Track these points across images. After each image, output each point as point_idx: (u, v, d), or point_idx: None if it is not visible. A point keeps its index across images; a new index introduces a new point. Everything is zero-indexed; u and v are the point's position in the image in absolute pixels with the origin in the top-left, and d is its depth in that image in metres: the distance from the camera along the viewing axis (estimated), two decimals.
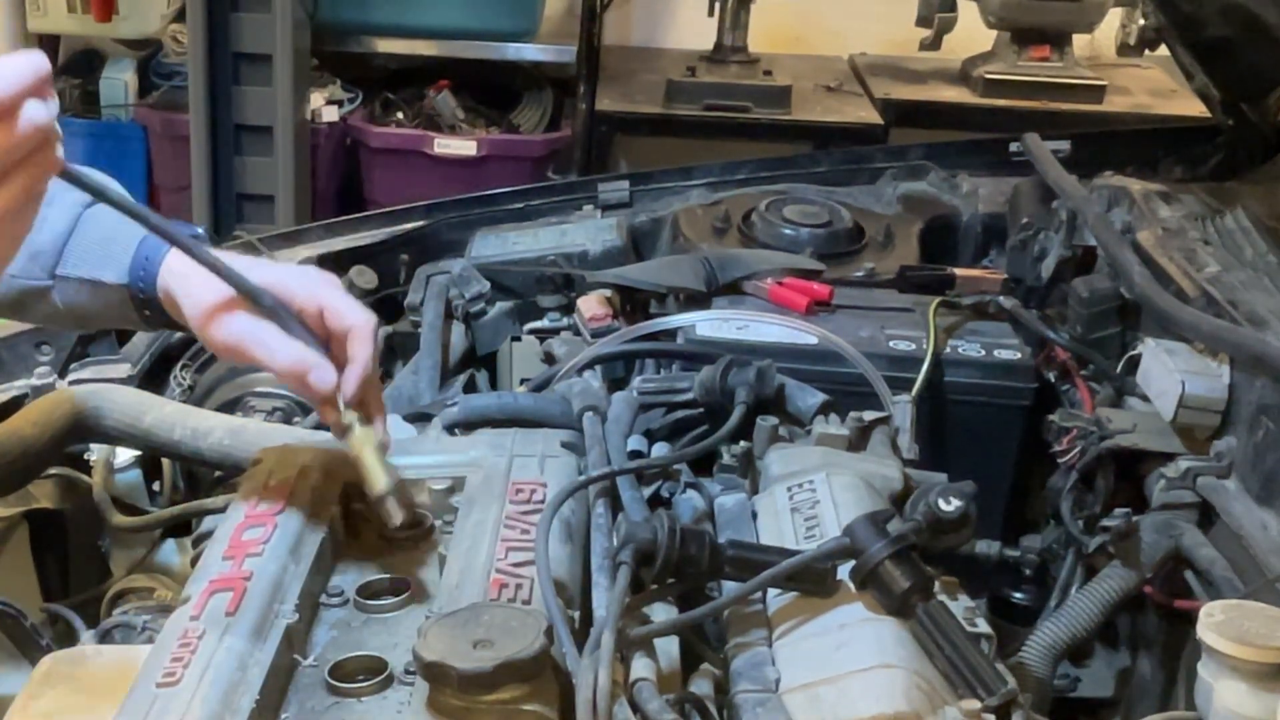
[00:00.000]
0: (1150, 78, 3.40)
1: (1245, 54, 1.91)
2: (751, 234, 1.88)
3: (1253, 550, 1.20)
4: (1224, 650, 0.94)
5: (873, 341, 1.49)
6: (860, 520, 1.02)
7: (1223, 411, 1.31)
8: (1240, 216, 1.59)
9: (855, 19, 3.68)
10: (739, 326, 1.52)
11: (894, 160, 2.13)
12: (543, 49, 3.44)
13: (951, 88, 3.32)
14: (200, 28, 3.05)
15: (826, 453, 1.24)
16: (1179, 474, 1.30)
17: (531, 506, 1.13)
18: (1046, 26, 3.24)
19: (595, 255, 1.82)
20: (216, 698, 0.88)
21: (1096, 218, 1.63)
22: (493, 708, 0.86)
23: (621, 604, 0.95)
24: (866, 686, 0.91)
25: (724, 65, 3.32)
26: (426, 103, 3.42)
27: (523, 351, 1.72)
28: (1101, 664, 1.46)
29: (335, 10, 3.31)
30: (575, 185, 2.10)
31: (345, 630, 1.04)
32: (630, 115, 3.20)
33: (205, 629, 0.95)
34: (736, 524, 1.17)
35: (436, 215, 1.97)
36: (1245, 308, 1.37)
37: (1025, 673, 1.20)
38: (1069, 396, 1.49)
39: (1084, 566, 1.35)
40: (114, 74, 3.57)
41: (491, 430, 1.31)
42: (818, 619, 1.00)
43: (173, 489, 1.48)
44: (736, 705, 0.94)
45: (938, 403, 1.48)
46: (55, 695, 0.96)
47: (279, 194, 3.17)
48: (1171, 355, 1.36)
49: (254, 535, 1.07)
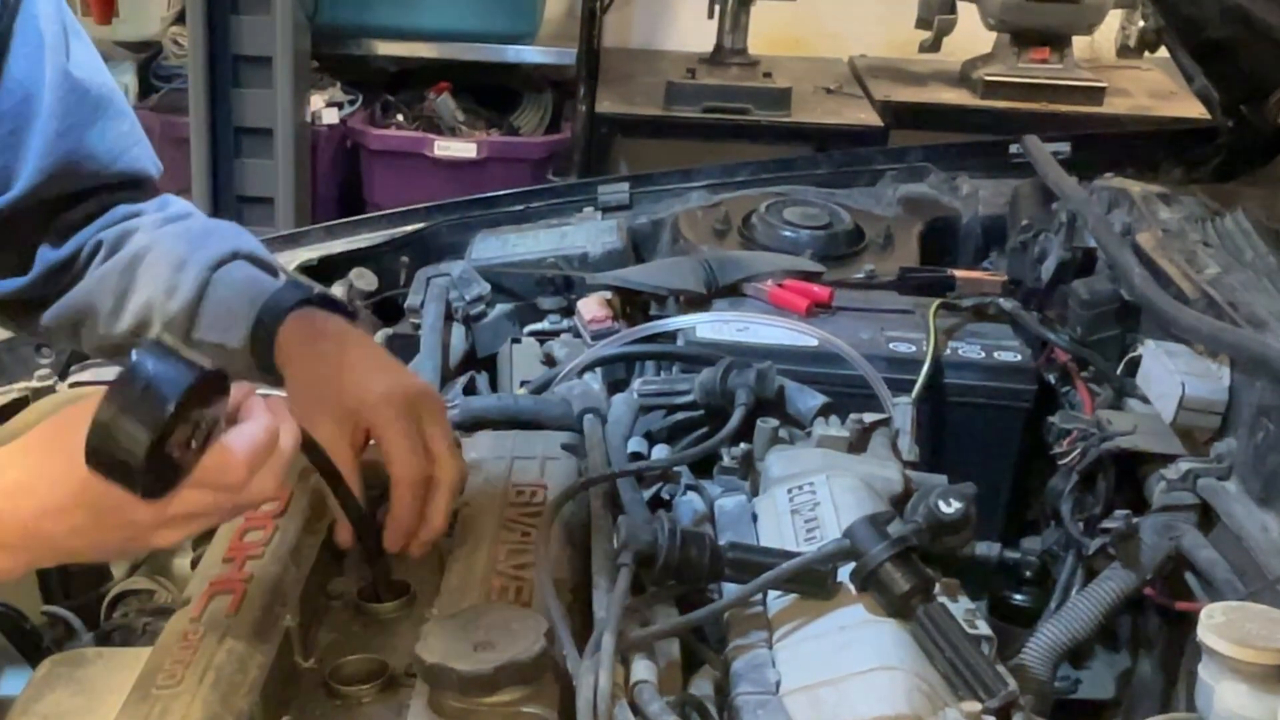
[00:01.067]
0: (1150, 79, 3.40)
1: (1245, 55, 1.91)
2: (751, 236, 1.87)
3: (1253, 552, 1.20)
4: (1224, 652, 0.94)
5: (873, 343, 1.49)
6: (860, 522, 1.02)
7: (1223, 413, 1.31)
8: (1240, 218, 1.59)
9: (855, 21, 3.68)
10: (739, 328, 1.52)
11: (894, 162, 2.13)
12: (543, 51, 3.45)
13: (951, 90, 3.32)
14: (200, 30, 3.05)
15: (827, 454, 1.24)
16: (1179, 476, 1.30)
17: (532, 508, 1.13)
18: (1046, 28, 3.24)
19: (595, 257, 1.82)
20: (217, 700, 0.88)
21: (1096, 219, 1.63)
22: (493, 710, 0.86)
23: (622, 606, 0.95)
24: (867, 688, 0.91)
25: (724, 67, 3.32)
26: (426, 105, 3.42)
27: (523, 353, 1.72)
28: (1102, 666, 1.46)
29: (335, 12, 3.31)
30: (575, 187, 2.10)
31: (346, 632, 1.04)
32: (630, 117, 3.20)
33: (205, 631, 0.95)
34: (737, 526, 1.17)
35: (436, 217, 1.97)
36: (1245, 309, 1.37)
37: (1026, 674, 1.20)
38: (1069, 398, 1.49)
39: (1084, 568, 1.35)
40: (114, 76, 3.57)
41: (492, 432, 1.31)
42: (818, 621, 1.00)
43: None
44: (737, 707, 0.94)
45: (938, 405, 1.48)
46: (55, 697, 0.96)
47: (279, 196, 3.17)
48: (1172, 357, 1.36)
49: (254, 537, 1.07)
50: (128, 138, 1.25)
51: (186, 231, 1.24)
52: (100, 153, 1.22)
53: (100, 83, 1.24)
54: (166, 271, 1.19)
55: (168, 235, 1.22)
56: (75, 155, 1.19)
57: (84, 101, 1.20)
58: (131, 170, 1.26)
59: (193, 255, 1.19)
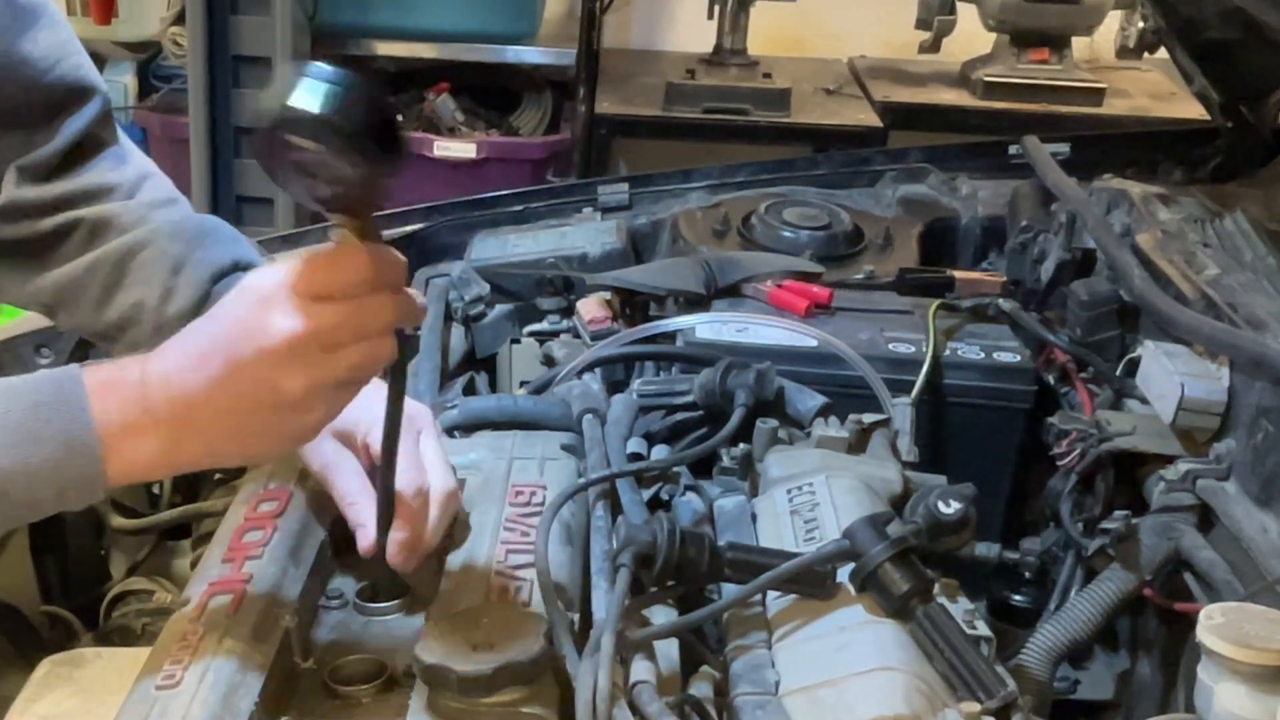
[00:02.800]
0: (1149, 80, 3.40)
1: (1244, 56, 1.91)
2: (751, 236, 1.88)
3: (1252, 553, 1.20)
4: (1224, 653, 0.94)
5: (872, 344, 1.49)
6: (860, 523, 1.02)
7: (1222, 414, 1.31)
8: (1240, 219, 1.59)
9: (854, 22, 3.68)
10: (738, 329, 1.52)
11: (893, 163, 2.13)
12: (542, 52, 3.44)
13: (951, 90, 3.32)
14: (200, 30, 3.05)
15: (826, 455, 1.24)
16: (1178, 476, 1.30)
17: (531, 509, 1.13)
18: (1046, 29, 3.23)
19: (595, 258, 1.82)
20: (216, 700, 0.88)
21: (1096, 220, 1.63)
22: (492, 710, 0.86)
23: (621, 606, 0.95)
24: (866, 689, 0.91)
25: (723, 68, 3.32)
26: (426, 105, 3.42)
27: (522, 354, 1.72)
28: (1101, 666, 1.46)
29: (335, 13, 3.30)
30: (575, 188, 2.10)
31: (345, 632, 1.04)
32: (630, 118, 3.20)
33: (205, 631, 0.95)
34: (736, 526, 1.17)
35: (436, 218, 1.97)
36: (1245, 310, 1.37)
37: (1025, 675, 1.20)
38: (1068, 399, 1.49)
39: (1084, 569, 1.35)
40: (113, 76, 3.57)
41: (491, 433, 1.31)
42: (817, 621, 1.00)
43: (172, 491, 1.48)
44: (736, 708, 0.94)
45: (937, 405, 1.48)
46: (54, 697, 0.96)
47: (278, 197, 3.17)
48: (1171, 358, 1.36)
49: (254, 538, 1.07)
50: (65, 46, 1.22)
51: (181, 230, 1.22)
52: (34, 58, 1.19)
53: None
54: (162, 274, 1.18)
55: (162, 232, 1.21)
56: (6, 61, 1.17)
57: (11, 7, 1.18)
58: (73, 78, 1.23)
59: (190, 258, 1.18)
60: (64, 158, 1.22)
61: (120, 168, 1.26)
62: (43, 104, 1.21)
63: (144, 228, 1.21)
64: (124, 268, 1.19)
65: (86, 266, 1.20)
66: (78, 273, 1.21)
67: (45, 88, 1.21)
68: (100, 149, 1.25)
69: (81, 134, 1.23)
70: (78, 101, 1.23)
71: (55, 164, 1.22)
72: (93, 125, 1.24)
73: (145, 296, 1.18)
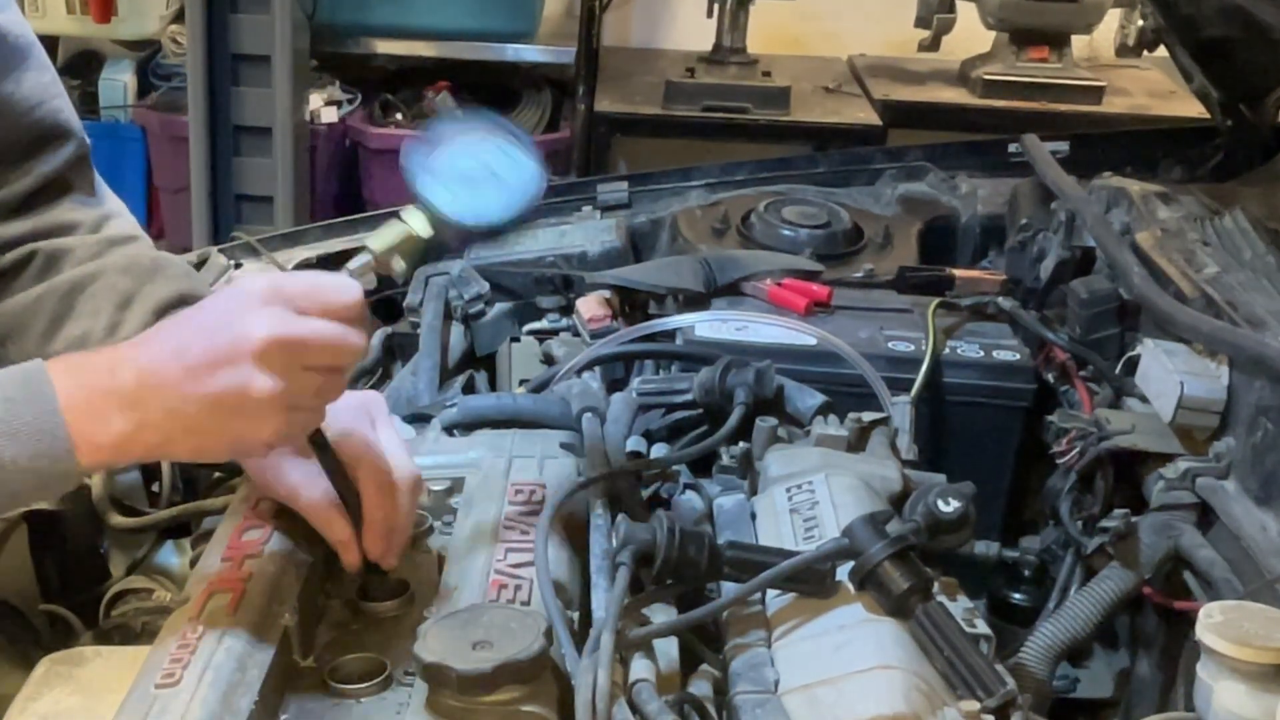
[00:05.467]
0: (1149, 79, 3.40)
1: (1244, 55, 1.91)
2: (750, 235, 1.88)
3: (1252, 551, 1.20)
4: (1223, 651, 0.94)
5: (872, 342, 1.49)
6: (859, 521, 1.02)
7: (1221, 412, 1.31)
8: (1239, 217, 1.59)
9: (854, 20, 3.68)
10: (738, 327, 1.52)
11: (893, 161, 2.13)
12: (542, 50, 3.44)
13: (950, 89, 3.32)
14: (199, 29, 3.05)
15: (825, 454, 1.24)
16: (1178, 475, 1.30)
17: (530, 507, 1.13)
18: (1045, 27, 3.23)
19: (594, 256, 1.82)
20: (216, 699, 0.88)
21: (1095, 219, 1.63)
22: (492, 709, 0.86)
23: (621, 605, 0.95)
24: (865, 688, 0.91)
25: (723, 66, 3.32)
26: (426, 104, 3.42)
27: (522, 352, 1.72)
28: (1101, 665, 1.46)
29: (334, 11, 3.31)
30: (574, 186, 2.10)
31: (344, 631, 1.04)
32: (629, 116, 3.20)
33: (204, 630, 0.95)
34: (735, 525, 1.17)
35: None
36: (1244, 309, 1.37)
37: (1024, 673, 1.20)
38: (1068, 397, 1.49)
39: (1083, 567, 1.35)
40: (113, 75, 3.57)
41: (490, 431, 1.30)
42: (817, 620, 1.00)
43: (172, 490, 1.48)
44: (735, 706, 0.94)
45: (937, 404, 1.48)
46: (54, 696, 0.96)
47: (278, 195, 3.17)
48: (1170, 356, 1.36)
49: (253, 536, 1.07)
50: (47, 89, 1.23)
51: (133, 265, 1.21)
52: (16, 99, 1.20)
53: (19, 34, 1.21)
54: (109, 308, 1.17)
55: (113, 266, 1.20)
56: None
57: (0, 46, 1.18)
58: (51, 121, 1.23)
59: (138, 293, 1.18)
60: (28, 198, 1.23)
61: (84, 208, 1.26)
62: (18, 144, 1.22)
63: (96, 262, 1.21)
64: (72, 300, 1.19)
65: (36, 297, 1.20)
66: (27, 302, 1.20)
67: (23, 129, 1.21)
68: (67, 192, 1.25)
69: (51, 176, 1.24)
70: (53, 144, 1.24)
71: (18, 204, 1.22)
72: (65, 169, 1.25)
73: (92, 329, 1.17)
